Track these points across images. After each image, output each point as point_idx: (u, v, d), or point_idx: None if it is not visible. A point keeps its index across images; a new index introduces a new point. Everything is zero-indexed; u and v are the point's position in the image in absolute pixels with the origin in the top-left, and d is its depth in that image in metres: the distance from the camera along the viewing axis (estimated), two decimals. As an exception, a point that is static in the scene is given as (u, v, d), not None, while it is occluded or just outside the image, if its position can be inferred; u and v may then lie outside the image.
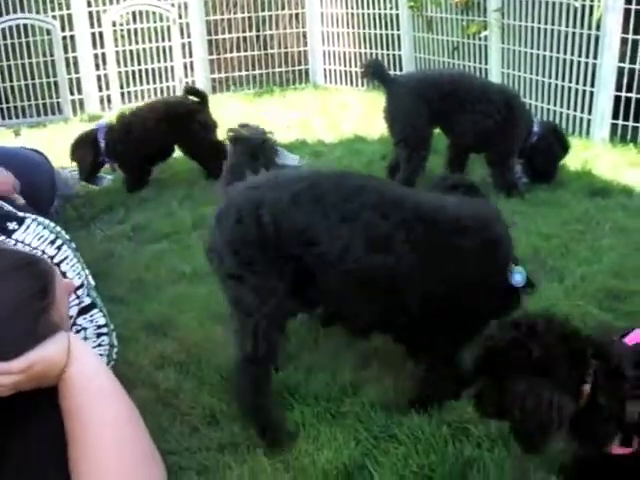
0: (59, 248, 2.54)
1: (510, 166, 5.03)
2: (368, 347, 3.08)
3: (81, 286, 2.51)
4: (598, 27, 6.04)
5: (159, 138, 5.28)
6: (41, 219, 2.60)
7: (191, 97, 5.50)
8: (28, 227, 2.55)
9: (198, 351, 3.12)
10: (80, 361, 1.92)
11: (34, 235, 2.52)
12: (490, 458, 2.37)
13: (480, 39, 7.31)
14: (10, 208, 2.80)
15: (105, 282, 3.54)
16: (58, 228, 2.61)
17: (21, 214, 2.64)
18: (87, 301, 2.51)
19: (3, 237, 2.49)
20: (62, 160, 5.45)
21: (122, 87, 8.29)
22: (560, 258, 3.96)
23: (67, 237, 2.60)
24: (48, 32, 7.90)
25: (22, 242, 2.50)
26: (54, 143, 6.54)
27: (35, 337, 1.86)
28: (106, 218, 4.88)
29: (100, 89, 8.15)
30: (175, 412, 2.73)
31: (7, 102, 8.02)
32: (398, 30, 8.22)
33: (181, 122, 5.28)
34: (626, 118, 6.13)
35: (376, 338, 3.12)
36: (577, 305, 3.42)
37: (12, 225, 2.54)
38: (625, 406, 1.86)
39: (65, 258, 2.53)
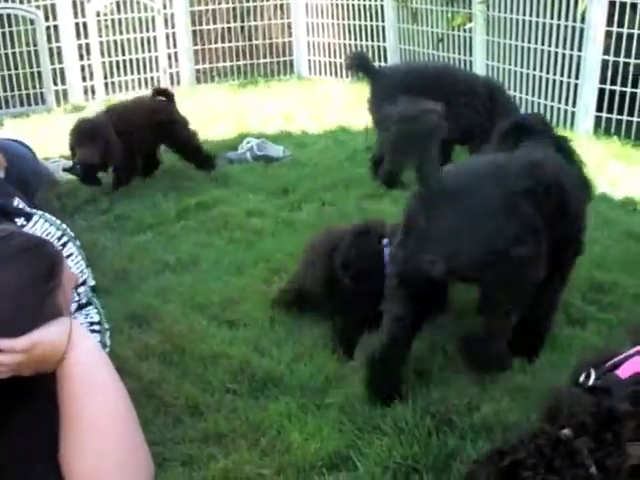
0: (64, 245, 2.54)
1: None
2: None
3: (83, 284, 2.51)
4: (583, 19, 6.06)
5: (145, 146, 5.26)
6: (48, 216, 2.60)
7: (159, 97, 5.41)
8: (36, 223, 2.55)
9: (182, 342, 3.11)
10: (80, 347, 1.92)
11: (41, 231, 2.52)
12: (474, 449, 2.37)
13: (465, 31, 7.32)
14: (19, 203, 2.79)
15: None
16: (64, 225, 2.61)
17: (28, 210, 2.64)
18: (84, 299, 2.51)
19: None
20: (45, 151, 5.42)
21: (106, 77, 8.25)
22: (544, 250, 3.97)
23: (72, 234, 2.60)
24: (32, 22, 7.84)
25: None
26: (37, 133, 6.50)
27: (40, 318, 1.87)
28: (89, 208, 4.85)
29: (84, 79, 8.10)
30: (159, 403, 2.72)
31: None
32: (383, 21, 8.22)
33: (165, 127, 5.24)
34: (610, 111, 6.16)
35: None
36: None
37: (20, 221, 2.54)
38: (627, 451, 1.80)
39: (70, 255, 2.54)
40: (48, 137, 6.34)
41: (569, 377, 2.08)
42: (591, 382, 1.93)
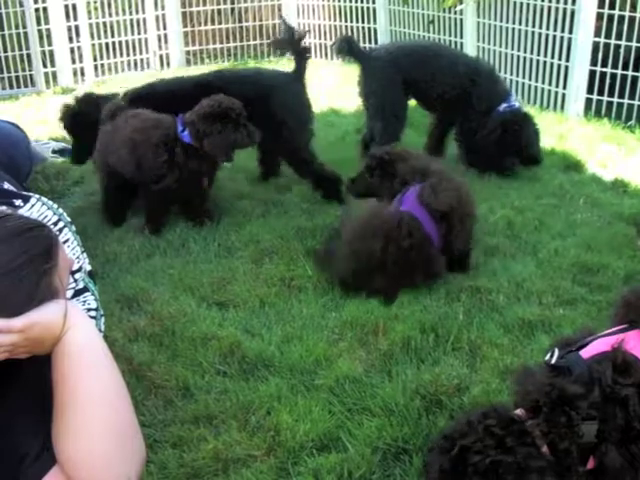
0: (61, 230, 2.53)
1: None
2: (341, 319, 3.09)
3: (79, 270, 2.50)
4: (574, 1, 6.05)
5: None
6: (45, 199, 2.59)
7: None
8: (33, 206, 2.54)
9: (172, 323, 3.11)
10: (76, 328, 1.92)
11: (38, 214, 2.51)
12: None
13: (456, 13, 7.30)
14: (11, 187, 2.78)
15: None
16: (60, 210, 2.60)
17: (25, 193, 2.63)
18: (81, 285, 2.51)
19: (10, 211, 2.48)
20: (35, 133, 5.40)
21: (95, 59, 8.21)
22: (534, 232, 3.99)
23: (69, 219, 2.59)
24: (21, 4, 7.79)
25: None
26: (27, 116, 6.47)
27: (36, 298, 1.86)
28: (78, 190, 4.83)
29: (73, 62, 8.06)
30: (149, 385, 2.72)
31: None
32: (374, 3, 8.19)
33: None
34: (601, 93, 6.17)
35: (349, 310, 3.14)
36: (550, 279, 3.45)
37: (18, 202, 2.53)
38: (580, 431, 1.80)
39: (66, 240, 2.52)
40: (38, 119, 6.31)
41: (544, 355, 2.10)
42: (553, 361, 1.94)
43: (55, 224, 2.52)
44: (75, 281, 2.48)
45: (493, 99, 4.98)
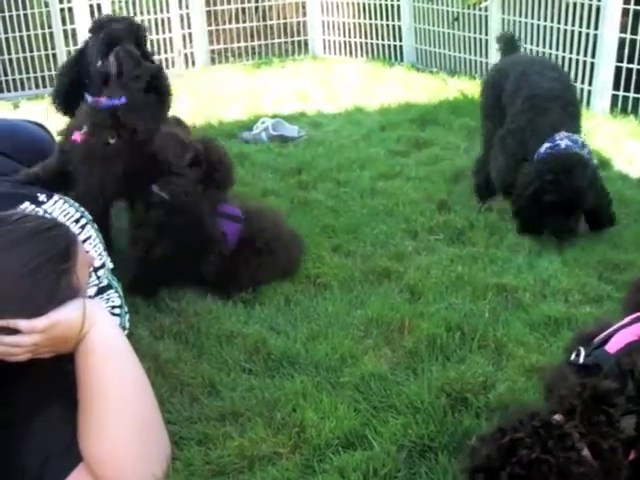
0: (83, 227, 2.55)
1: None
2: (367, 316, 3.09)
3: (102, 266, 2.52)
4: (599, -3, 6.00)
5: None
6: (67, 197, 2.61)
7: None
8: (56, 202, 2.56)
9: (197, 321, 3.12)
10: (99, 326, 1.94)
11: (60, 211, 2.53)
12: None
13: (480, 9, 7.26)
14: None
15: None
16: (82, 208, 2.62)
17: (48, 191, 2.65)
18: (105, 282, 2.52)
19: (33, 206, 2.50)
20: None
21: (120, 59, 8.22)
22: (560, 229, 3.96)
23: (90, 217, 2.61)
24: (46, 4, 7.83)
25: (50, 214, 2.52)
26: (53, 115, 6.50)
27: (57, 298, 1.88)
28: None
29: (98, 61, 8.09)
30: (175, 382, 2.73)
31: (5, 75, 7.96)
32: (398, 0, 8.16)
33: None
34: (627, 89, 6.11)
35: (374, 308, 3.14)
36: (576, 276, 3.43)
37: (42, 197, 2.56)
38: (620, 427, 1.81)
39: (88, 237, 2.54)
40: (63, 119, 6.33)
41: (563, 354, 2.08)
42: (581, 360, 1.93)
43: (77, 221, 2.54)
44: (98, 278, 2.49)
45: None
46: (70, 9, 7.89)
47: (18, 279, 1.84)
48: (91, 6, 7.95)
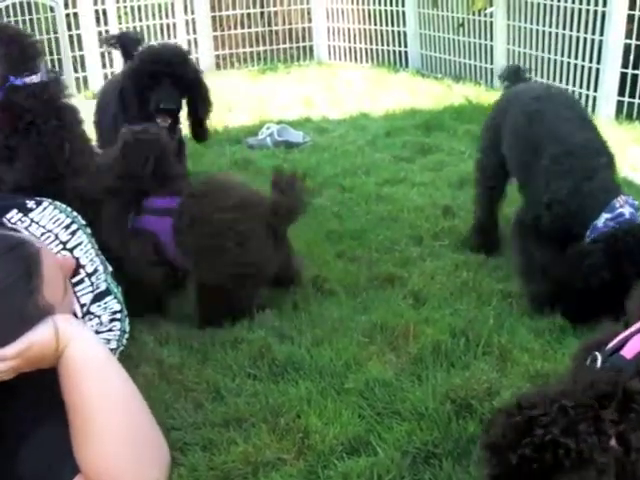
0: (73, 233, 2.53)
1: None
2: (371, 322, 3.09)
3: (95, 272, 2.51)
4: (605, 3, 6.00)
5: None
6: (58, 203, 2.60)
7: None
8: (45, 209, 2.55)
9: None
10: (75, 342, 1.93)
11: (50, 217, 2.52)
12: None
13: (486, 15, 7.27)
14: None
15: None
16: (74, 213, 2.60)
17: (38, 198, 2.64)
18: (103, 287, 2.52)
19: (21, 215, 2.50)
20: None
21: (126, 64, 8.25)
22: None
23: (83, 222, 2.60)
24: (51, 9, 7.86)
25: (37, 223, 2.51)
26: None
27: (27, 320, 1.87)
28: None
29: (104, 66, 8.10)
30: (179, 388, 2.73)
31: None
32: (403, 6, 8.17)
33: None
34: (632, 95, 6.11)
35: (379, 313, 3.14)
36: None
37: (31, 204, 2.55)
38: None
39: (79, 244, 2.53)
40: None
41: (572, 361, 2.07)
42: (599, 365, 1.92)
43: (67, 227, 2.53)
44: (92, 284, 2.48)
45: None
46: (75, 14, 7.93)
47: None
48: (97, 11, 7.99)
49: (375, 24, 8.49)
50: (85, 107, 5.77)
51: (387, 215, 4.26)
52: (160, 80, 3.96)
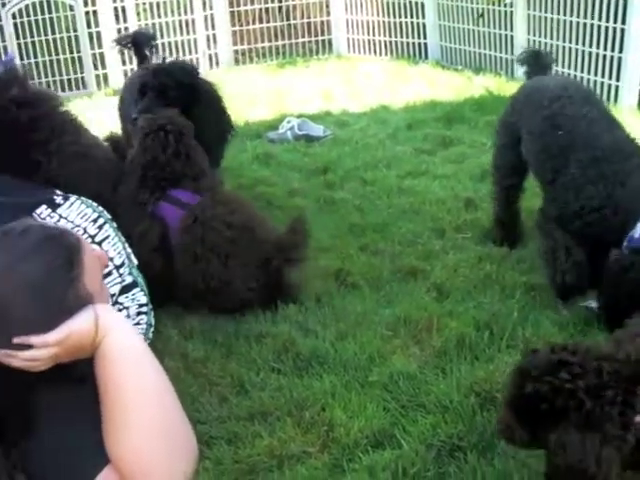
0: (101, 227, 2.56)
1: None
2: (395, 315, 3.09)
3: (122, 265, 2.53)
4: (626, -9, 5.95)
5: None
6: (84, 198, 2.62)
7: None
8: (72, 204, 2.58)
9: (226, 321, 3.14)
10: (115, 332, 1.94)
11: (77, 212, 2.55)
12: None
13: (505, 5, 7.22)
14: None
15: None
16: (101, 208, 2.63)
17: (65, 194, 2.67)
18: (129, 280, 2.54)
19: (49, 210, 2.52)
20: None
21: (146, 60, 8.29)
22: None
23: (109, 216, 2.62)
24: (71, 8, 7.91)
25: (65, 218, 2.53)
26: (80, 117, 6.55)
27: (67, 309, 1.89)
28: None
29: (123, 63, 8.13)
30: (204, 382, 2.74)
31: (32, 78, 8.02)
32: (422, -2, 8.14)
33: None
34: (654, 84, 6.06)
35: (402, 307, 3.13)
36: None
37: (59, 199, 2.57)
38: None
39: (107, 237, 2.56)
40: (90, 120, 6.38)
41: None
42: None
43: (95, 221, 2.55)
44: (120, 276, 2.50)
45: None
46: (94, 12, 7.96)
47: (27, 295, 1.85)
48: (115, 9, 8.02)
49: (394, 16, 8.46)
50: (105, 104, 5.83)
51: (409, 208, 4.25)
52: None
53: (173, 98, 3.75)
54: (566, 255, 3.07)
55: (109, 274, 2.47)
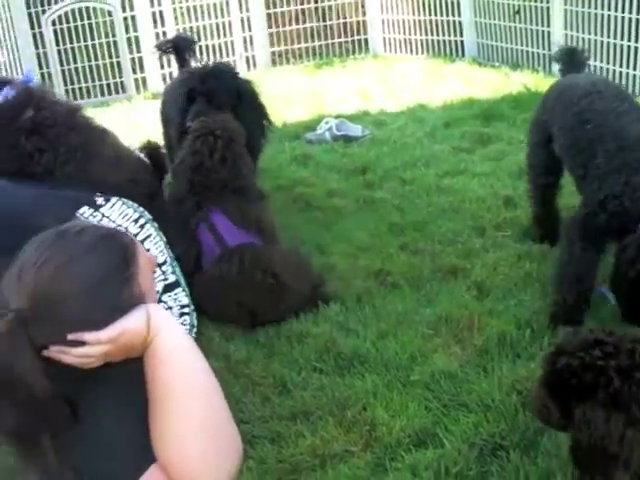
0: (142, 227, 2.60)
1: None
2: (436, 314, 3.09)
3: (164, 263, 2.56)
4: (666, -16, 5.88)
5: None
6: (125, 199, 2.66)
7: None
8: (114, 205, 2.62)
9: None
10: (165, 332, 1.97)
11: (119, 213, 2.59)
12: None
13: (542, 1, 7.17)
14: None
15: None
16: (141, 208, 2.67)
17: (106, 195, 2.71)
18: (172, 278, 2.57)
19: (92, 210, 2.56)
20: (127, 138, 5.52)
21: (184, 64, 8.35)
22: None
23: (150, 217, 2.65)
24: (109, 14, 8.00)
25: (108, 217, 2.57)
26: (119, 122, 6.63)
27: (120, 308, 1.92)
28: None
29: (162, 67, 8.19)
30: (247, 382, 2.77)
31: (72, 83, 8.16)
32: (458, -5, 8.11)
33: None
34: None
35: (443, 306, 3.13)
36: None
37: (100, 200, 2.61)
38: None
39: (148, 236, 2.59)
40: (130, 124, 6.46)
41: None
42: None
43: (136, 221, 2.59)
44: (163, 273, 2.53)
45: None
46: (133, 17, 8.05)
47: (83, 294, 1.88)
48: (153, 14, 8.10)
49: (430, 14, 8.43)
50: (144, 107, 5.88)
51: (448, 206, 4.25)
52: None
53: (221, 102, 3.80)
54: (575, 282, 3.03)
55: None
